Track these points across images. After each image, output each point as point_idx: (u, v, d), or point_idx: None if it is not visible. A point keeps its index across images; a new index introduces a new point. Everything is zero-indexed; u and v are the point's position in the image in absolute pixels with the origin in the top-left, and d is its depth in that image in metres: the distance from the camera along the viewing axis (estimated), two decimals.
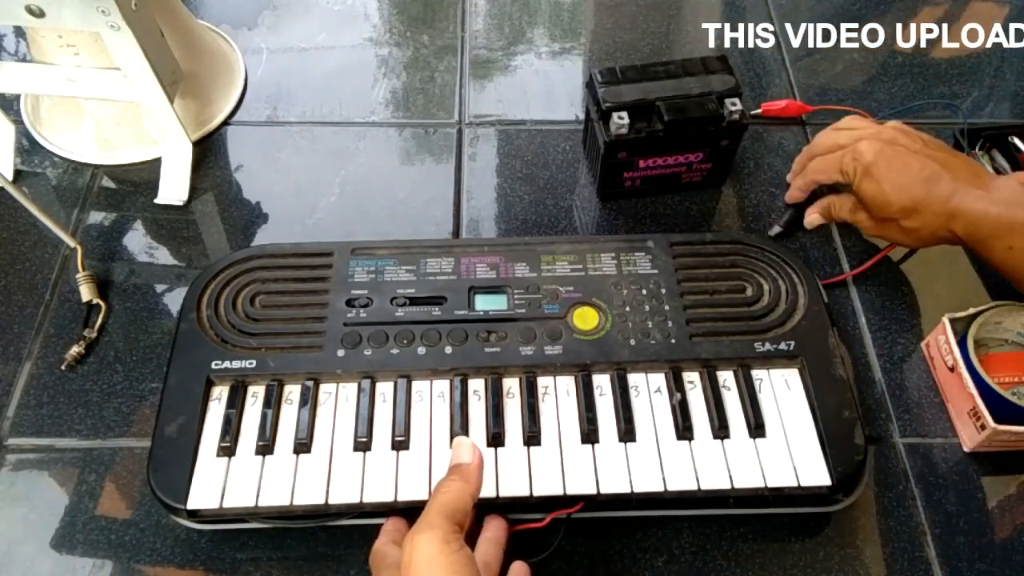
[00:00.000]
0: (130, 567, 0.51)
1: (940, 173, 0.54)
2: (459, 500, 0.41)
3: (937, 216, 0.54)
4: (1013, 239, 0.51)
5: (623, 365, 0.54)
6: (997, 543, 0.53)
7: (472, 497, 0.42)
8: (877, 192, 0.56)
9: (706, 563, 0.52)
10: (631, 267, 0.58)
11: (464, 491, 0.42)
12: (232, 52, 0.81)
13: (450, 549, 0.38)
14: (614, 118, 0.62)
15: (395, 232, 0.68)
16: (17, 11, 0.60)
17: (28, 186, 0.71)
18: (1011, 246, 0.52)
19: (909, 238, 0.58)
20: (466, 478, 0.43)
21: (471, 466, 0.44)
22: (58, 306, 0.63)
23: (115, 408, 0.58)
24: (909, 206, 0.55)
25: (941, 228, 0.55)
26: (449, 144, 0.75)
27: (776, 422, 0.52)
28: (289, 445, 0.51)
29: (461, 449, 0.45)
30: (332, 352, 0.53)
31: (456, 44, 0.84)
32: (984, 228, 0.52)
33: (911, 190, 0.54)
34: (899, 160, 0.55)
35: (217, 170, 0.72)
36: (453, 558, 0.38)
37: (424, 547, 0.38)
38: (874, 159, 0.56)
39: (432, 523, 0.39)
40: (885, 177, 0.55)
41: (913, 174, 0.54)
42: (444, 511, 0.40)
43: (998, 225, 0.52)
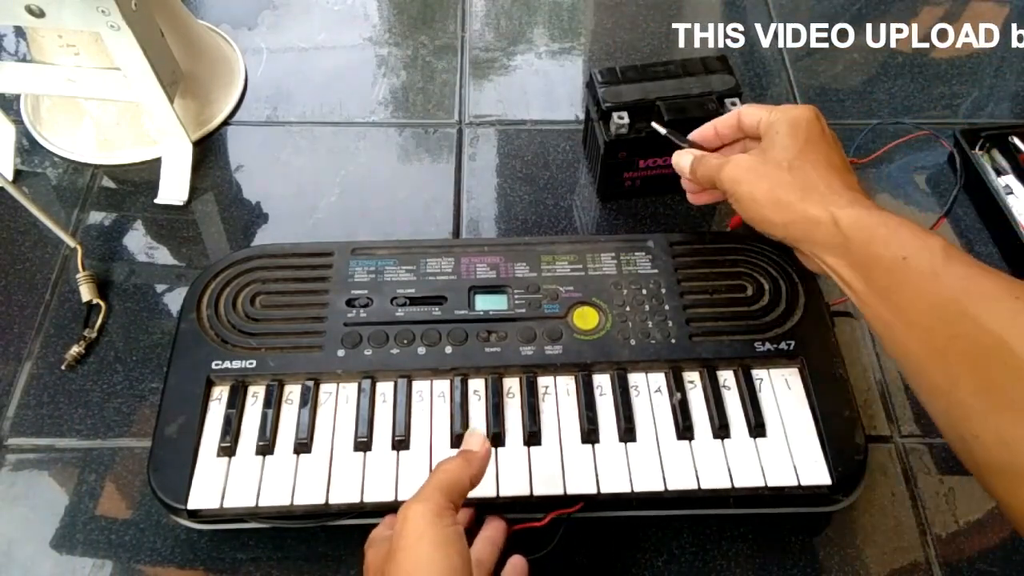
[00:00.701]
0: (130, 567, 0.51)
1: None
2: (458, 479, 0.41)
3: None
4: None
5: (623, 365, 0.54)
6: (997, 543, 0.53)
7: (471, 479, 0.42)
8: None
9: (706, 563, 0.52)
10: (631, 267, 0.58)
11: (464, 471, 0.42)
12: (232, 52, 0.81)
13: (442, 523, 0.38)
14: (614, 118, 0.62)
15: (395, 232, 0.68)
16: (17, 11, 0.60)
17: (28, 186, 0.71)
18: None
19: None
20: (469, 460, 0.43)
21: (477, 454, 0.43)
22: (58, 306, 0.63)
23: (115, 408, 0.58)
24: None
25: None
26: (449, 144, 0.75)
27: (776, 422, 0.52)
28: (289, 445, 0.51)
29: (472, 438, 0.45)
30: (332, 352, 0.53)
31: (456, 44, 0.84)
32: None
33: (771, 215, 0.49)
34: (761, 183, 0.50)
35: (217, 170, 0.72)
36: (444, 532, 0.38)
37: (416, 518, 0.38)
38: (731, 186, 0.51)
39: (427, 496, 0.39)
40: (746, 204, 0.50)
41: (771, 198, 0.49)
42: (441, 486, 0.40)
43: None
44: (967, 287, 0.38)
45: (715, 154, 0.55)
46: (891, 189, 0.72)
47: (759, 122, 0.51)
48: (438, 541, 0.37)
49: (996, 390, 0.36)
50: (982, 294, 0.38)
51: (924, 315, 0.40)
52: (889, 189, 0.72)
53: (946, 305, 0.39)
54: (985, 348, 0.36)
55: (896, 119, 0.77)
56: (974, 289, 0.38)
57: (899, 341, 0.42)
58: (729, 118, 0.54)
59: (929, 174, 0.73)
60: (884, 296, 0.42)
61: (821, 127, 0.49)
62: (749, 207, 0.50)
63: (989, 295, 0.38)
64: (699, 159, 0.54)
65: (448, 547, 0.37)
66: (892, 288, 0.42)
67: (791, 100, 0.79)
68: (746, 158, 0.51)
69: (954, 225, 0.70)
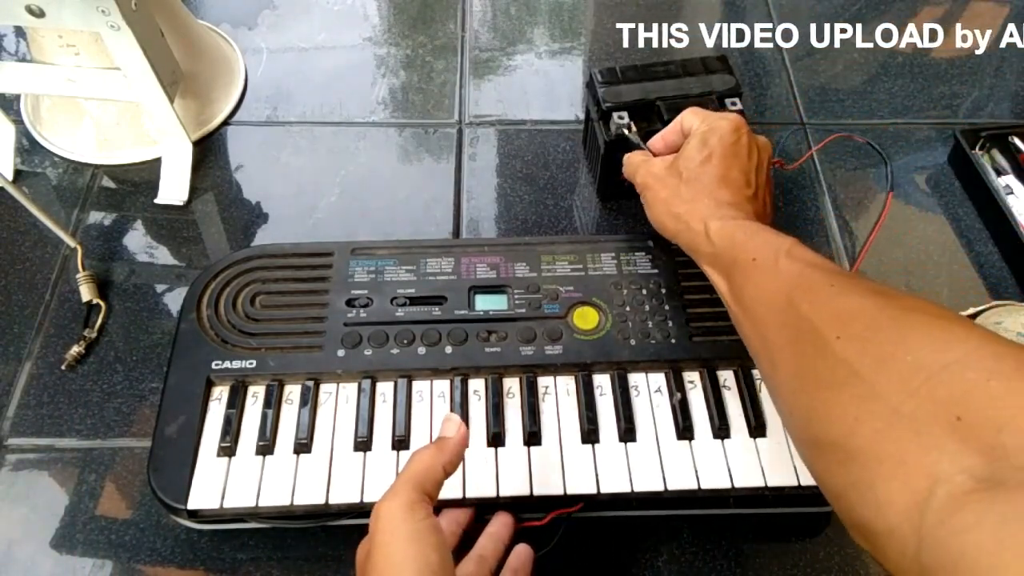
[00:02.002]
0: (130, 567, 0.51)
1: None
2: (429, 469, 0.41)
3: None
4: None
5: (623, 365, 0.54)
6: None
7: (445, 467, 0.42)
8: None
9: (706, 563, 0.52)
10: (631, 267, 0.58)
11: (436, 460, 0.41)
12: (232, 52, 0.81)
13: (414, 517, 0.38)
14: (614, 118, 0.62)
15: (395, 232, 0.68)
16: (17, 11, 0.60)
17: (28, 186, 0.71)
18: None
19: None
20: (442, 448, 0.42)
21: (451, 440, 0.43)
22: (58, 306, 0.63)
23: (115, 408, 0.58)
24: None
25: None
26: (449, 144, 0.75)
27: (776, 422, 0.52)
28: (289, 445, 0.51)
29: (447, 424, 0.44)
30: (332, 352, 0.53)
31: (456, 44, 0.84)
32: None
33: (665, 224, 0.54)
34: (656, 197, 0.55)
35: (217, 170, 0.72)
36: (417, 525, 0.38)
37: (388, 515, 0.38)
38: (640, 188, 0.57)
39: (396, 491, 0.39)
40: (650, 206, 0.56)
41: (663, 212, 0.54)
42: (412, 480, 0.40)
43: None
44: (798, 281, 0.41)
45: (646, 153, 0.59)
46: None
47: (691, 128, 0.56)
48: (411, 536, 0.37)
49: (806, 369, 0.38)
50: (807, 286, 0.41)
51: (761, 308, 0.43)
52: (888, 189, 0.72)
53: (778, 297, 0.42)
54: (800, 332, 0.39)
55: (895, 119, 0.77)
56: (802, 282, 0.41)
57: (746, 336, 0.46)
58: (675, 124, 0.58)
59: (929, 174, 0.74)
60: (738, 295, 0.46)
61: (734, 140, 0.53)
62: (651, 212, 0.55)
63: (811, 286, 0.41)
64: (630, 156, 0.60)
65: (421, 541, 0.37)
66: (743, 286, 0.45)
67: (791, 100, 0.79)
68: (658, 164, 0.56)
69: (954, 225, 0.70)
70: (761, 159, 0.54)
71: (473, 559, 0.45)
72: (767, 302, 0.43)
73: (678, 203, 0.52)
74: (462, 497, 0.48)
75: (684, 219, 0.51)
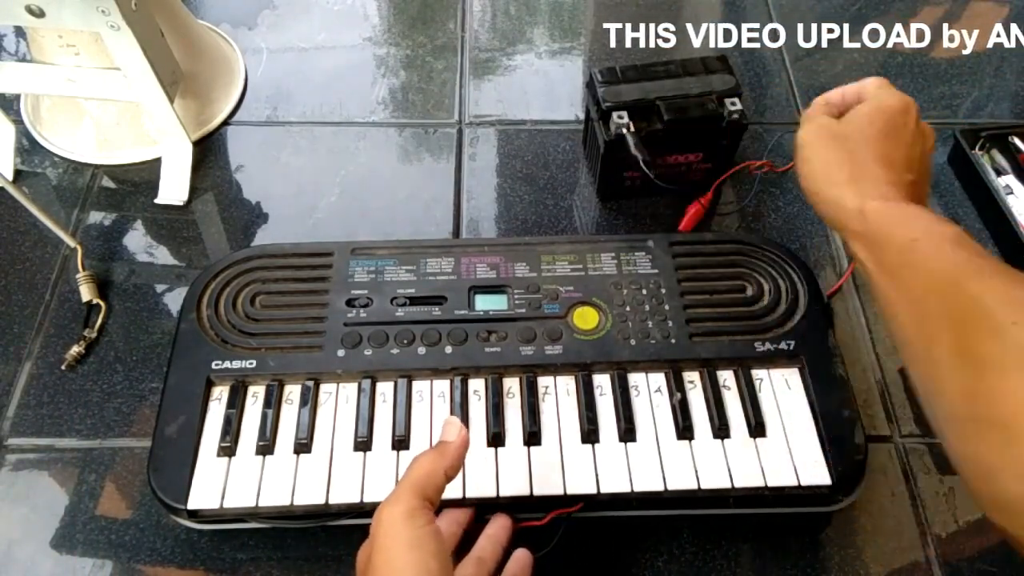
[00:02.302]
0: (130, 567, 0.51)
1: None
2: (430, 475, 0.41)
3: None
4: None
5: (623, 365, 0.54)
6: (997, 543, 0.53)
7: (447, 472, 0.42)
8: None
9: (706, 563, 0.52)
10: (631, 267, 0.58)
11: (437, 465, 0.41)
12: (232, 52, 0.81)
13: (415, 524, 0.38)
14: (614, 118, 0.62)
15: (395, 232, 0.68)
16: (17, 11, 0.60)
17: (28, 186, 0.71)
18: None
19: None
20: (443, 453, 0.42)
21: (452, 444, 0.43)
22: (58, 306, 0.63)
23: (115, 408, 0.58)
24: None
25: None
26: (449, 144, 0.75)
27: (776, 422, 0.52)
28: (289, 445, 0.51)
29: (448, 428, 0.44)
30: (332, 352, 0.53)
31: (456, 44, 0.84)
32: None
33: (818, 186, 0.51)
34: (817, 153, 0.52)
35: (217, 170, 0.72)
36: (417, 532, 0.38)
37: (388, 521, 0.38)
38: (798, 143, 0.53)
39: (398, 497, 0.39)
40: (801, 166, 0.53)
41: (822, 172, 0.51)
42: (413, 486, 0.40)
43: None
44: (967, 266, 0.40)
45: (830, 105, 0.55)
46: None
47: (867, 95, 0.52)
48: (411, 543, 0.37)
49: (972, 349, 0.38)
50: (978, 271, 0.40)
51: (921, 289, 0.42)
52: None
53: (943, 279, 0.41)
54: (966, 311, 0.39)
55: None
56: (971, 267, 0.40)
57: (897, 317, 0.44)
58: (856, 85, 0.54)
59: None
60: (892, 274, 0.44)
61: (903, 122, 0.50)
62: (803, 168, 0.51)
63: (983, 271, 0.40)
64: (813, 105, 0.55)
65: (422, 549, 0.37)
66: (901, 266, 0.43)
67: (791, 100, 0.79)
68: (827, 123, 0.52)
69: None
70: (926, 147, 0.51)
71: (472, 561, 0.45)
72: (927, 282, 0.41)
73: (837, 172, 0.49)
74: (462, 497, 0.48)
75: (838, 192, 0.48)
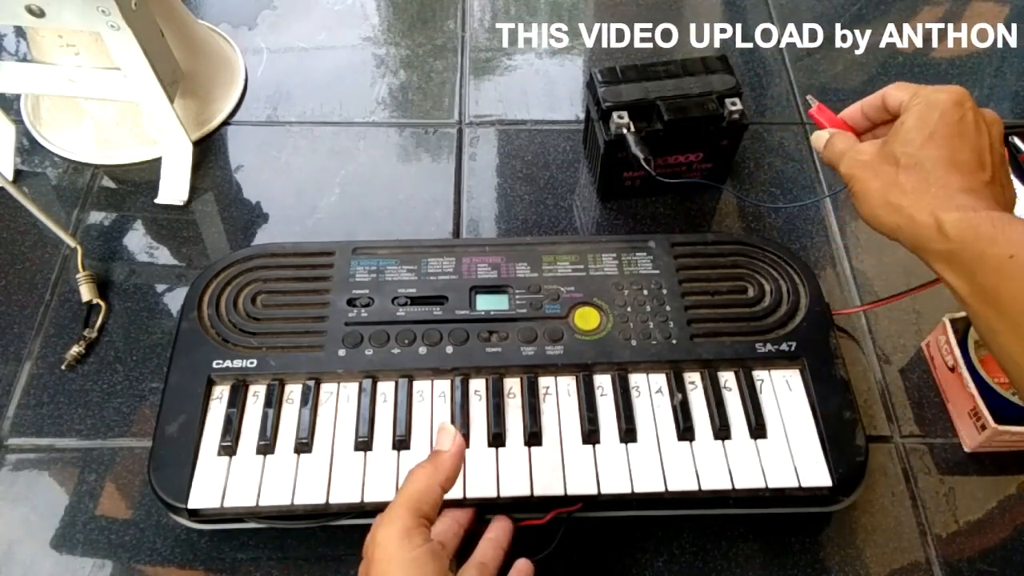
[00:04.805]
0: (130, 567, 0.51)
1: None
2: (426, 490, 0.40)
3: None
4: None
5: (624, 365, 0.54)
6: (997, 543, 0.53)
7: (443, 485, 0.41)
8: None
9: (706, 563, 0.52)
10: (632, 267, 0.58)
11: (432, 480, 0.40)
12: (232, 52, 0.81)
13: (412, 544, 0.37)
14: (614, 117, 0.62)
15: (395, 232, 0.68)
16: (17, 11, 0.60)
17: (28, 186, 0.71)
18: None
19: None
20: (437, 466, 0.41)
21: (446, 454, 0.42)
22: (58, 306, 0.63)
23: (115, 408, 0.58)
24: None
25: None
26: (449, 144, 0.75)
27: (777, 423, 0.52)
28: (290, 445, 0.51)
29: (442, 436, 0.43)
30: (333, 352, 0.53)
31: (456, 44, 0.84)
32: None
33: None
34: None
35: (217, 170, 0.72)
36: (414, 553, 0.37)
37: (384, 543, 0.38)
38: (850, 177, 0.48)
39: (393, 517, 0.38)
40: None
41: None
42: (408, 503, 0.39)
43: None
44: None
45: (848, 135, 0.51)
46: None
47: (900, 104, 0.47)
48: (409, 564, 0.37)
49: None
50: None
51: None
52: None
53: None
54: None
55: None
56: None
57: (1005, 346, 0.40)
58: (874, 99, 0.50)
59: None
60: (991, 299, 0.40)
61: (959, 116, 0.44)
62: (862, 205, 0.47)
63: None
64: (830, 140, 0.51)
65: (418, 569, 0.37)
66: (999, 288, 0.39)
67: (791, 100, 0.79)
68: (866, 149, 0.47)
69: None
70: (993, 136, 0.45)
71: (474, 566, 0.44)
72: None
73: (897, 194, 0.44)
74: (463, 497, 0.48)
75: (907, 212, 0.43)
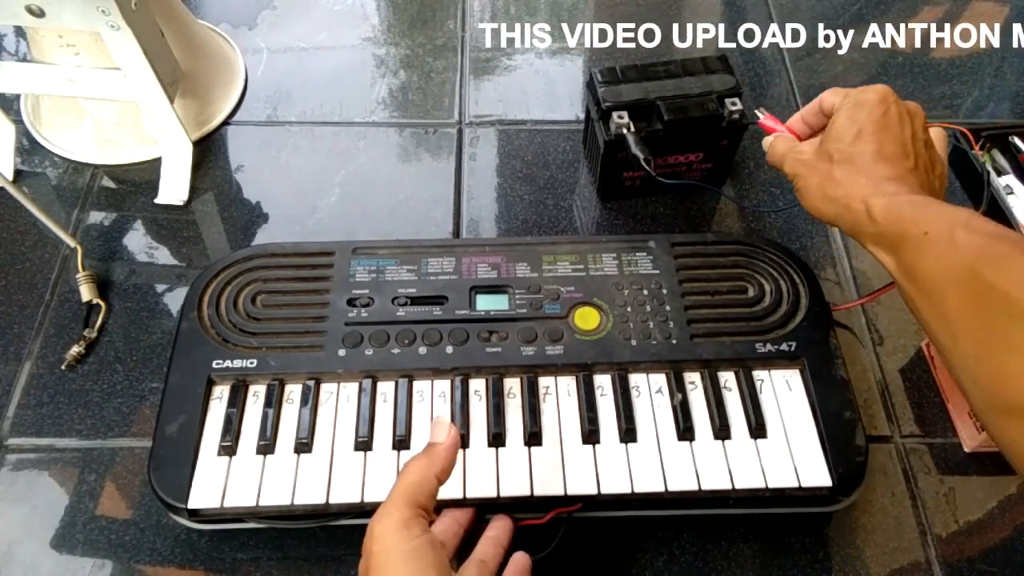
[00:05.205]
0: (130, 567, 0.51)
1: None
2: (422, 482, 0.40)
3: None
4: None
5: (624, 365, 0.54)
6: (997, 543, 0.53)
7: (439, 476, 0.41)
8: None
9: (706, 563, 0.52)
10: (632, 267, 0.58)
11: (428, 471, 0.41)
12: (232, 52, 0.81)
13: (410, 535, 0.38)
14: (614, 117, 0.62)
15: (395, 232, 0.68)
16: (17, 11, 0.60)
17: (28, 186, 0.71)
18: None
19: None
20: (432, 458, 0.41)
21: (441, 446, 0.42)
22: (58, 306, 0.63)
23: (115, 408, 0.58)
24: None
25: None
26: (449, 144, 0.75)
27: (777, 423, 0.52)
28: (290, 445, 0.51)
29: (437, 428, 0.43)
30: (333, 352, 0.53)
31: (456, 44, 0.84)
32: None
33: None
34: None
35: (217, 170, 0.72)
36: (412, 544, 0.37)
37: (382, 535, 0.38)
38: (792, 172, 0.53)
39: (390, 509, 0.39)
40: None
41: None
42: (405, 496, 0.39)
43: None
44: (980, 252, 0.40)
45: (789, 137, 0.56)
46: None
47: (833, 107, 0.52)
48: (408, 555, 0.37)
49: (995, 337, 0.38)
50: (992, 256, 0.39)
51: (938, 281, 0.41)
52: None
53: (957, 269, 0.40)
54: (987, 302, 0.38)
55: None
56: (986, 253, 0.40)
57: (918, 310, 0.44)
58: (812, 105, 0.55)
59: None
60: (911, 273, 0.44)
61: (883, 111, 0.49)
62: (804, 199, 0.52)
63: (998, 256, 0.39)
64: (773, 143, 0.56)
65: (419, 560, 0.37)
66: (915, 262, 0.43)
67: (791, 100, 0.79)
68: (805, 149, 0.53)
69: None
70: (916, 126, 0.50)
71: (474, 563, 0.44)
72: (945, 275, 0.41)
73: (833, 186, 0.49)
74: (463, 497, 0.48)
75: (842, 202, 0.48)
